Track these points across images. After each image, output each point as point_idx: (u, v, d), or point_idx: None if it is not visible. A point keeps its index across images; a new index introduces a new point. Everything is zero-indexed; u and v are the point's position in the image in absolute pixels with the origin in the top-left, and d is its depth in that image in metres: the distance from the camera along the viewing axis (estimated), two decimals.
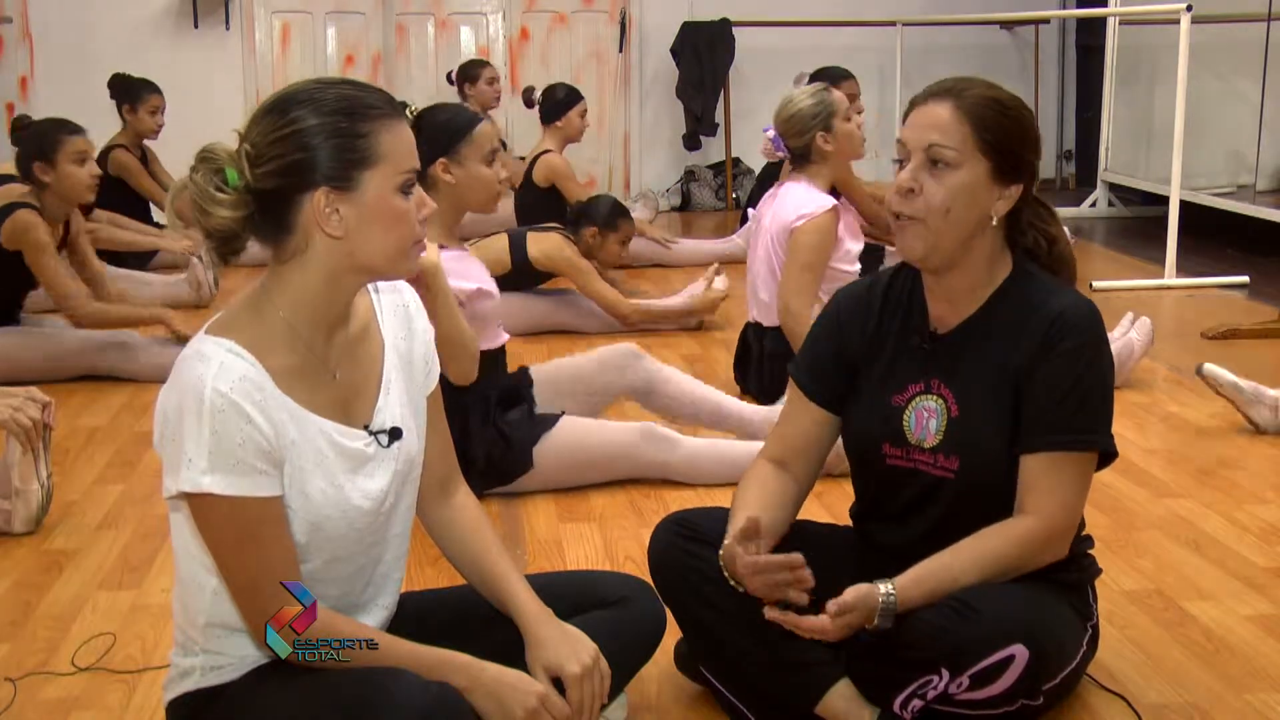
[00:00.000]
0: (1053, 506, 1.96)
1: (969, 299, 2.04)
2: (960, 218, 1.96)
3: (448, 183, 3.07)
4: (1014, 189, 2.00)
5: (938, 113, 1.97)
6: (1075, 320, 1.97)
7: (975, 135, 1.95)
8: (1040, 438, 1.96)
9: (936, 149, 1.95)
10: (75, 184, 4.25)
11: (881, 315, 2.12)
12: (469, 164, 3.07)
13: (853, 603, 1.88)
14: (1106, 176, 8.21)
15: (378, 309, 1.87)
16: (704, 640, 2.11)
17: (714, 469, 3.32)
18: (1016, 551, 1.95)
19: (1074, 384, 1.95)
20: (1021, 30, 9.10)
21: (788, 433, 2.19)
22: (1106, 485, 3.28)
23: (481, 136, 3.09)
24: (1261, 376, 3.84)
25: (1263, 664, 2.36)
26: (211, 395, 1.61)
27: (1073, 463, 1.98)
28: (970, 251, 2.00)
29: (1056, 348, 1.96)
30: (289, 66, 8.31)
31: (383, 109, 1.70)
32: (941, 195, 1.95)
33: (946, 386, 2.04)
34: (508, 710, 1.74)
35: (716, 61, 8.50)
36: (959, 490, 2.02)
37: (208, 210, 1.67)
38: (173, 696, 1.81)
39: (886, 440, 2.08)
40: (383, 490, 1.80)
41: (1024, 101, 2.04)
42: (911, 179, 1.97)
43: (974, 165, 1.96)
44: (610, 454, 3.30)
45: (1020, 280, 2.04)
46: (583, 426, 3.32)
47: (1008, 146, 1.97)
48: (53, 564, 2.90)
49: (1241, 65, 7.09)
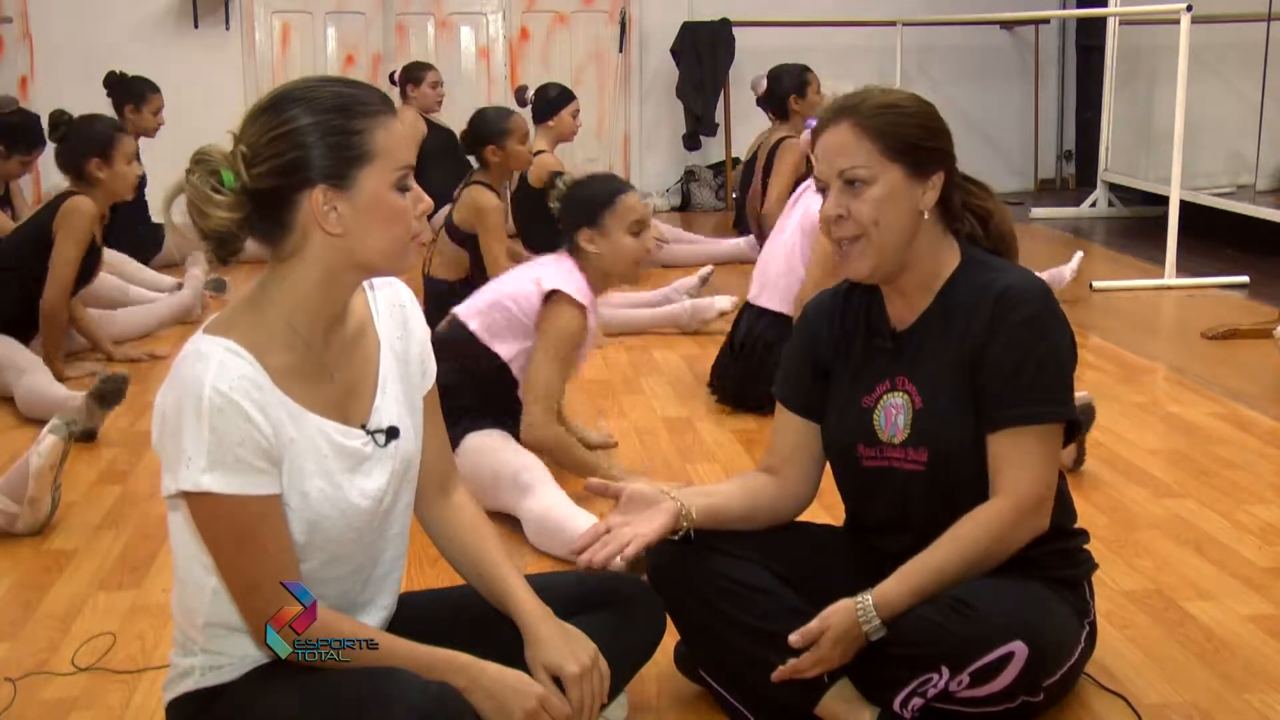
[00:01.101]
0: (1021, 483, 1.97)
1: (923, 294, 2.08)
2: (892, 223, 2.01)
3: (592, 252, 3.14)
4: (935, 179, 2.04)
5: (839, 137, 2.02)
6: (1021, 293, 1.99)
7: (879, 146, 1.99)
8: (1000, 413, 1.98)
9: (848, 172, 2.00)
10: (126, 183, 4.35)
11: (844, 322, 2.16)
12: (613, 234, 3.16)
13: (820, 626, 1.93)
14: (1106, 176, 8.21)
15: (374, 309, 1.87)
16: (703, 643, 2.12)
17: (551, 538, 2.88)
18: (994, 533, 1.97)
19: (1025, 355, 1.97)
20: (1021, 30, 9.10)
21: (775, 442, 2.24)
22: (1107, 485, 3.28)
23: (625, 208, 3.16)
24: (1261, 376, 3.85)
25: (1263, 664, 2.36)
26: (210, 394, 1.61)
27: (1035, 436, 1.98)
28: (914, 249, 2.04)
29: (1005, 321, 1.98)
30: (289, 66, 8.31)
31: (377, 106, 1.70)
32: (867, 210, 2.00)
33: (910, 381, 2.07)
34: (507, 711, 1.74)
35: (716, 61, 8.51)
36: (931, 481, 2.04)
37: (205, 212, 1.67)
38: (173, 696, 1.81)
39: (860, 441, 2.11)
40: (381, 489, 1.80)
41: (918, 96, 2.08)
42: (836, 206, 2.02)
43: (887, 173, 2.00)
44: (483, 482, 3.03)
45: (968, 267, 2.07)
46: (488, 445, 3.11)
47: (913, 144, 2.01)
48: (53, 564, 2.90)
49: (1241, 65, 7.09)
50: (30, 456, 3.02)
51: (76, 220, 4.23)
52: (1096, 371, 4.36)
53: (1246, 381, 4.24)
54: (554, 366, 3.14)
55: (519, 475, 3.01)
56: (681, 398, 4.21)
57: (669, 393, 4.27)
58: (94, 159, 4.27)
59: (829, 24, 8.66)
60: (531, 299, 3.16)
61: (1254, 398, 4.05)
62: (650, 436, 3.78)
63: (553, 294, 3.14)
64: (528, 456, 3.11)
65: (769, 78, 6.07)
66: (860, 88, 2.08)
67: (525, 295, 3.17)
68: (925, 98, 2.09)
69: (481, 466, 3.06)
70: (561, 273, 3.18)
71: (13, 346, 4.21)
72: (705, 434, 3.81)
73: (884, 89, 2.07)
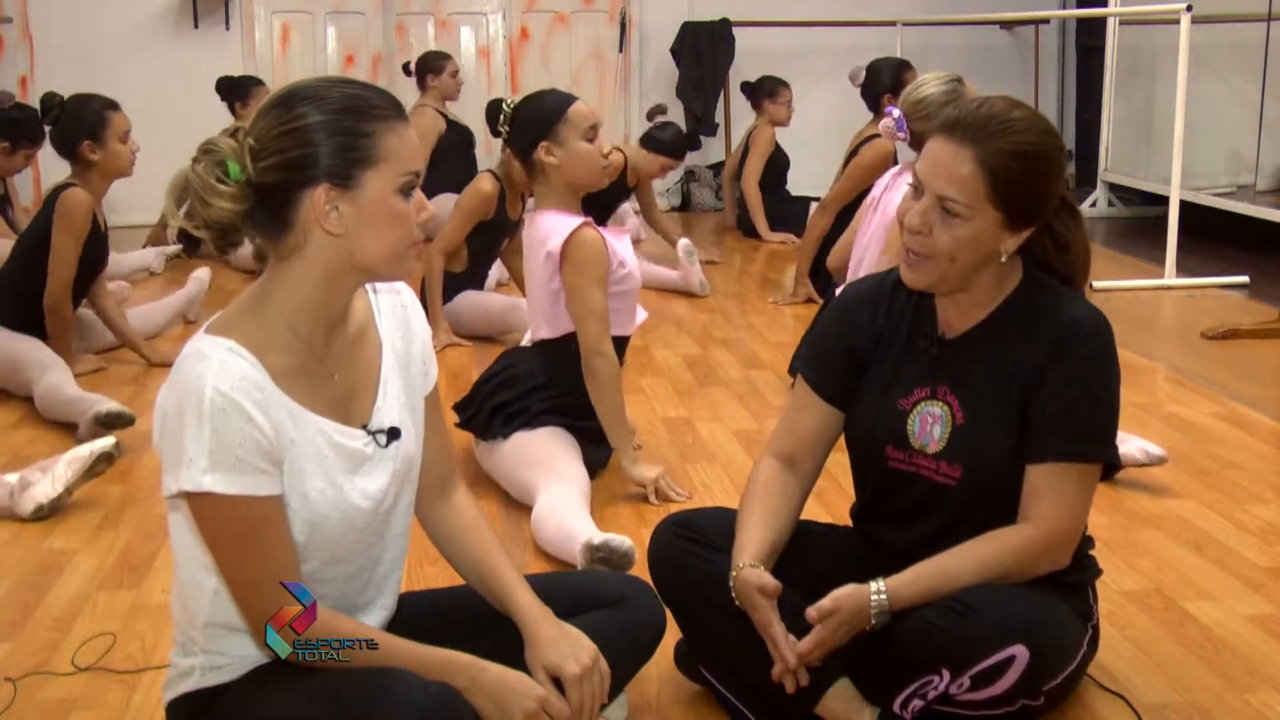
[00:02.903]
0: (1056, 516, 1.96)
1: (978, 308, 2.04)
2: (966, 261, 1.96)
3: (552, 164, 3.16)
4: (1026, 231, 1.97)
5: (956, 162, 1.90)
6: (1087, 329, 1.96)
7: (990, 189, 1.90)
8: (1048, 447, 1.95)
9: (948, 201, 1.92)
10: (122, 161, 4.29)
11: (890, 315, 2.12)
12: (569, 143, 3.17)
13: (832, 606, 1.91)
14: (1106, 176, 8.21)
15: (375, 310, 1.87)
16: (704, 641, 2.11)
17: (550, 536, 2.90)
18: (1015, 559, 1.95)
19: (1083, 393, 1.95)
20: (1021, 30, 9.10)
21: (797, 426, 2.18)
22: (1106, 485, 3.28)
23: (577, 115, 3.18)
24: (1262, 376, 3.85)
25: (1263, 664, 2.36)
26: (211, 394, 1.61)
27: (1078, 474, 1.97)
28: (978, 276, 2.00)
29: (1067, 356, 1.95)
30: (289, 66, 8.31)
31: (387, 110, 1.70)
32: (948, 242, 1.93)
33: (952, 393, 2.03)
34: (507, 712, 1.74)
35: (716, 61, 8.51)
36: (961, 498, 2.02)
37: (208, 201, 1.67)
38: (173, 696, 1.81)
39: (890, 443, 2.08)
40: (382, 490, 1.80)
41: (1055, 138, 1.97)
42: (921, 221, 1.94)
43: (984, 217, 1.92)
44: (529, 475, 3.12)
45: (1030, 287, 2.03)
46: (552, 440, 3.19)
47: (1024, 198, 1.93)
48: (53, 564, 2.90)
49: (1241, 65, 7.09)
50: (76, 451, 3.23)
51: (70, 214, 4.19)
52: None
53: (1246, 381, 4.25)
54: (595, 290, 3.12)
55: (548, 463, 3.08)
56: (681, 398, 4.21)
57: (669, 393, 4.27)
58: (85, 140, 4.23)
59: (829, 24, 8.65)
60: (558, 271, 3.16)
61: (1254, 398, 4.05)
62: (650, 436, 3.78)
63: (563, 247, 3.13)
64: (565, 448, 3.16)
65: (867, 70, 6.05)
66: (992, 103, 1.94)
67: (552, 273, 3.16)
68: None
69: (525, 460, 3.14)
70: (555, 229, 3.16)
71: (35, 345, 4.19)
72: (705, 434, 3.81)
73: (1021, 117, 1.93)
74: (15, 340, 4.20)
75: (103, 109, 4.29)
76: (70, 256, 4.22)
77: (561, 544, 2.77)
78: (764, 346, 4.87)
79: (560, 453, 3.13)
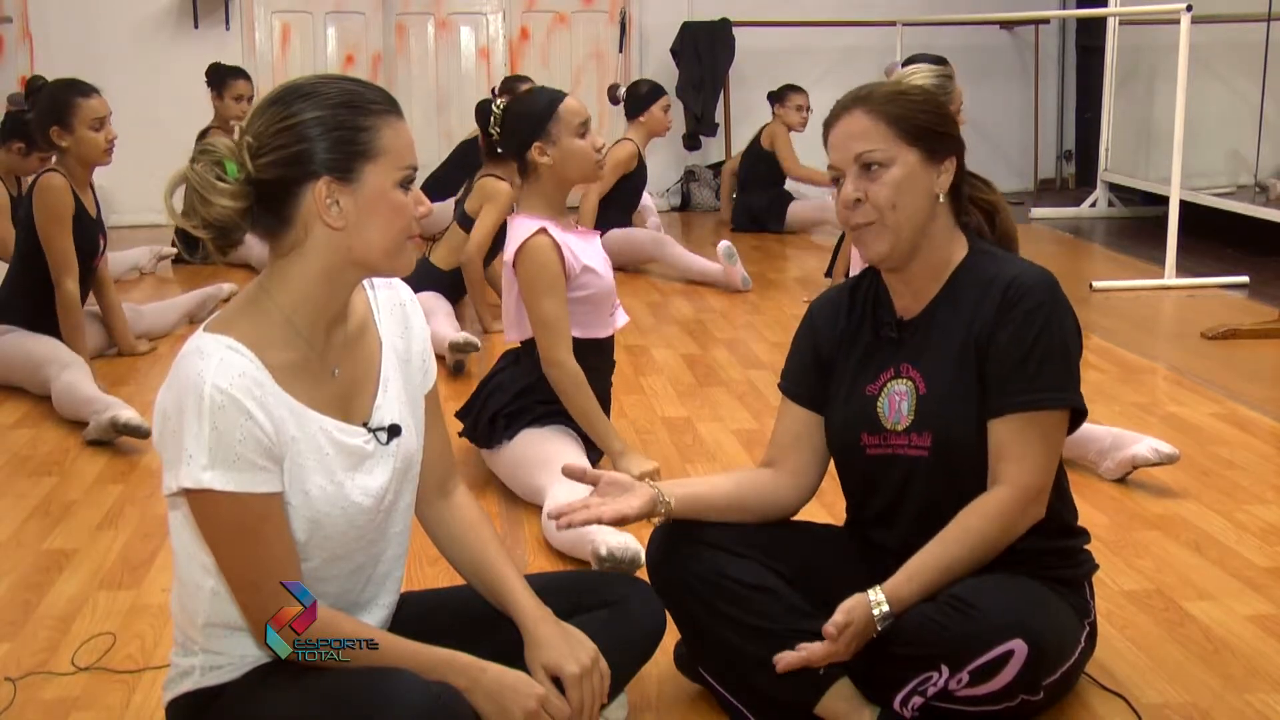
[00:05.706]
0: (1024, 471, 1.98)
1: (930, 284, 2.09)
2: (910, 206, 2.03)
3: (546, 164, 3.17)
4: (948, 163, 2.07)
5: (854, 124, 2.04)
6: (1030, 284, 2.02)
7: (895, 130, 2.02)
8: (1004, 399, 1.99)
9: (865, 155, 2.02)
10: (94, 148, 4.20)
11: (851, 314, 2.18)
12: (563, 141, 3.17)
13: (845, 619, 1.92)
14: (1106, 176, 8.21)
15: (374, 307, 1.87)
16: (703, 641, 2.12)
17: (564, 535, 2.84)
18: (998, 524, 1.98)
19: (1033, 343, 1.98)
20: (1021, 30, 9.10)
21: (777, 433, 2.25)
22: (1107, 485, 3.28)
23: (568, 112, 3.19)
24: (1262, 376, 3.84)
25: (1263, 664, 2.36)
26: (211, 391, 1.61)
27: (1039, 423, 1.99)
28: (929, 235, 2.06)
29: (1013, 310, 2.00)
30: (289, 66, 8.30)
31: (383, 105, 1.71)
32: (886, 193, 2.02)
33: (914, 368, 2.08)
34: (508, 712, 1.74)
35: (716, 61, 8.50)
36: (934, 467, 2.05)
37: (208, 199, 1.67)
38: (172, 696, 1.81)
39: (864, 430, 2.11)
40: (382, 487, 1.80)
41: (923, 86, 2.13)
42: (855, 190, 2.04)
43: (905, 155, 2.02)
44: (537, 476, 3.12)
45: (975, 258, 2.10)
46: (555, 439, 3.20)
47: (927, 128, 2.04)
48: (53, 564, 2.90)
49: (1241, 65, 7.09)
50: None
51: (44, 199, 4.13)
52: (1097, 371, 4.36)
53: (1246, 381, 4.24)
54: (544, 300, 3.13)
55: (551, 462, 3.07)
56: (681, 398, 4.21)
57: (669, 393, 4.27)
58: (53, 126, 4.17)
59: (829, 24, 8.65)
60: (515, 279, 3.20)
61: (1254, 398, 4.05)
62: (650, 436, 3.78)
63: (515, 256, 3.16)
64: (570, 446, 3.17)
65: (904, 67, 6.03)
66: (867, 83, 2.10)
67: (511, 279, 3.20)
68: None
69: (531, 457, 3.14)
70: (515, 236, 3.17)
71: (54, 344, 4.17)
72: (705, 434, 3.81)
73: (888, 81, 2.08)
74: (34, 341, 4.19)
75: (73, 95, 4.19)
76: (62, 242, 4.15)
77: (575, 542, 2.79)
78: (764, 346, 4.87)
79: (565, 451, 3.13)
